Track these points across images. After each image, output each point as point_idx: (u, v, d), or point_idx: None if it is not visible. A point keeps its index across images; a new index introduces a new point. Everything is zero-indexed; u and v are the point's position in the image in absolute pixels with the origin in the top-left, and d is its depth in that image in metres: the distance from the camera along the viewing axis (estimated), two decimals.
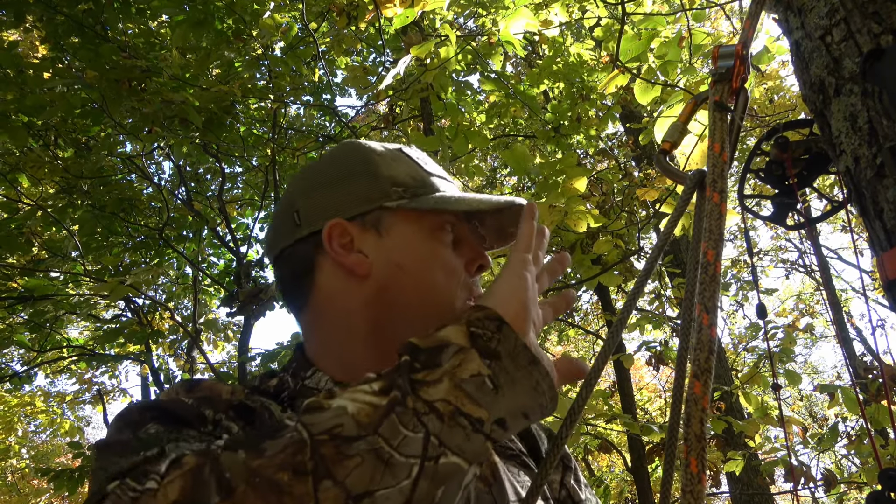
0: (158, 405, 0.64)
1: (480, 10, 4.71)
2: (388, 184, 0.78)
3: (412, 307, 0.75)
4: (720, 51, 0.88)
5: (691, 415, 0.57)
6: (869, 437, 4.36)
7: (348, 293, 0.76)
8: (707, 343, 0.61)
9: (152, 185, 5.90)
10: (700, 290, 0.65)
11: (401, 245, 0.77)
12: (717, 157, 0.76)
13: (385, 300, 0.75)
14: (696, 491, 0.54)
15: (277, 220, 0.82)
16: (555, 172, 3.38)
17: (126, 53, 3.76)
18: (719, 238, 0.68)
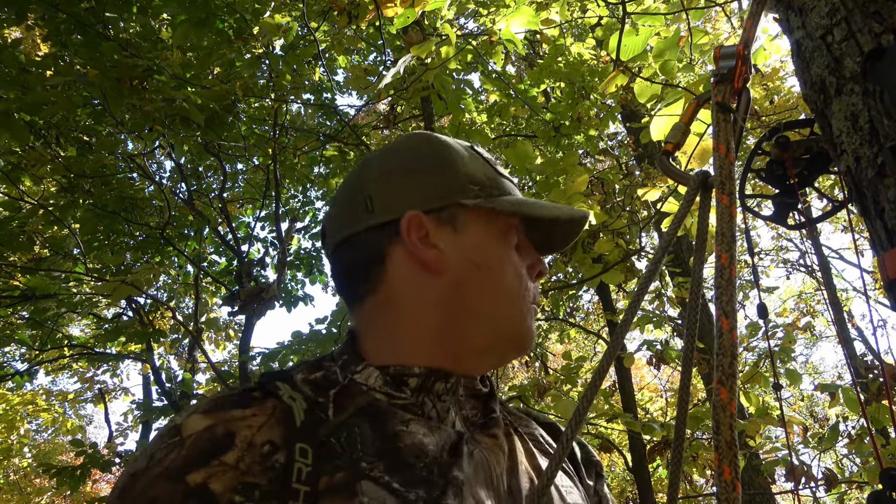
0: None
1: (481, 9, 4.71)
2: (466, 181, 0.77)
3: (485, 307, 0.74)
4: (721, 51, 0.88)
5: (720, 422, 0.56)
6: (870, 437, 4.35)
7: (421, 287, 0.74)
8: (729, 347, 0.60)
9: (153, 184, 5.90)
10: (717, 294, 0.64)
11: (476, 244, 0.76)
12: (724, 158, 0.76)
13: (458, 298, 0.74)
14: (731, 499, 0.53)
15: (343, 205, 0.79)
16: (556, 171, 3.38)
17: (127, 52, 3.76)
18: (732, 240, 0.68)
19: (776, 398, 6.88)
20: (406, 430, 0.67)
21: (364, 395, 0.69)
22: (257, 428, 0.63)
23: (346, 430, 0.65)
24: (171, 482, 0.57)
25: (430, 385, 0.71)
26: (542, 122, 5.24)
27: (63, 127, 4.56)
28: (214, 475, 0.58)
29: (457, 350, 0.74)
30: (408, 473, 0.62)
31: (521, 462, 0.75)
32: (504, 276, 0.76)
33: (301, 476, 0.59)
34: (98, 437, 13.54)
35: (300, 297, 6.65)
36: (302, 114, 6.53)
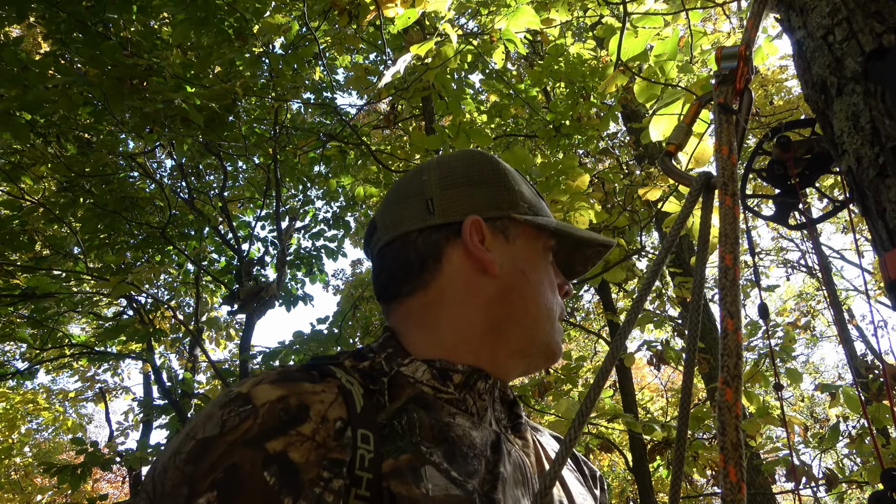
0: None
1: (482, 9, 4.71)
2: (518, 197, 0.84)
3: (528, 314, 0.79)
4: (723, 52, 0.88)
5: (725, 423, 0.56)
6: (871, 437, 4.35)
7: (474, 287, 0.78)
8: (734, 348, 0.60)
9: (154, 183, 5.90)
10: (722, 295, 0.64)
11: (524, 255, 0.82)
12: (726, 159, 0.76)
13: (507, 302, 0.79)
14: (737, 500, 0.53)
15: (401, 205, 0.83)
16: (557, 172, 3.38)
17: (127, 51, 3.76)
18: (735, 241, 0.68)
19: (777, 398, 6.86)
20: (454, 421, 0.70)
21: (412, 387, 0.72)
22: (329, 404, 0.63)
23: (405, 415, 0.67)
24: (251, 449, 0.56)
25: (473, 383, 0.74)
26: (542, 121, 5.24)
27: (63, 126, 4.57)
28: (293, 444, 0.58)
29: (496, 351, 0.78)
30: (462, 463, 0.65)
31: (543, 463, 0.80)
32: (543, 289, 0.82)
33: (364, 463, 0.60)
34: (98, 436, 13.55)
35: (300, 297, 6.65)
36: (302, 113, 6.54)
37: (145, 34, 4.55)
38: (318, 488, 0.56)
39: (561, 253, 0.88)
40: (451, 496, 0.61)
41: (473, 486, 0.63)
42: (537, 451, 0.81)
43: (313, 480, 0.56)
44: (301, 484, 0.56)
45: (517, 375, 0.82)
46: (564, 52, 5.21)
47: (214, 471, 0.55)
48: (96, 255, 5.58)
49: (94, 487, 11.51)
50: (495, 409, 0.78)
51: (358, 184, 6.51)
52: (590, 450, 6.47)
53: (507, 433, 0.78)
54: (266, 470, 0.55)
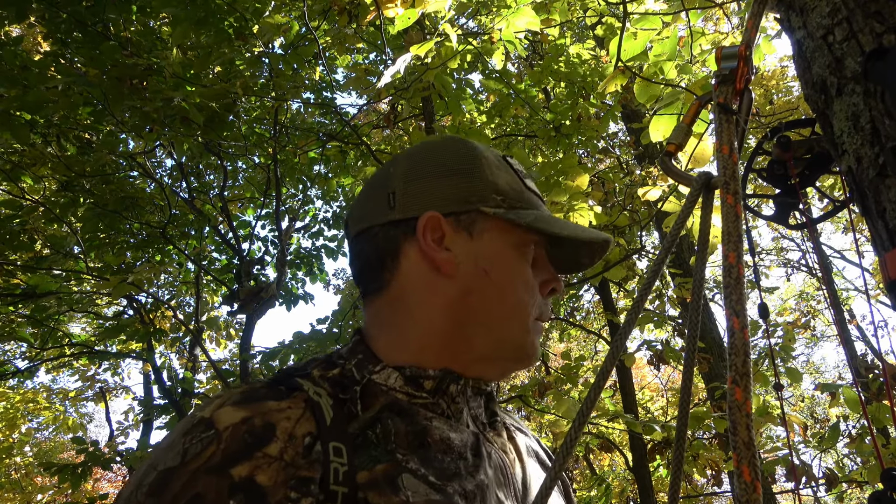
0: None
1: (482, 9, 4.71)
2: (490, 189, 0.77)
3: (492, 316, 0.74)
4: (723, 52, 0.88)
5: (737, 422, 0.56)
6: (871, 437, 4.36)
7: (432, 288, 0.75)
8: (742, 347, 0.59)
9: (154, 182, 5.91)
10: (727, 293, 0.64)
11: (489, 252, 0.75)
12: (727, 158, 0.76)
13: (467, 304, 0.74)
14: (752, 499, 0.52)
15: (369, 197, 0.80)
16: (556, 172, 3.37)
17: (127, 51, 3.76)
18: (738, 240, 0.68)
19: (777, 398, 6.87)
20: (431, 426, 0.68)
21: (385, 395, 0.70)
22: (296, 420, 0.61)
23: (379, 423, 0.65)
24: (215, 477, 0.55)
25: (445, 387, 0.72)
26: (542, 121, 5.24)
27: (63, 126, 4.57)
28: (259, 468, 0.56)
29: (462, 355, 0.74)
30: (440, 467, 0.64)
31: (525, 461, 0.78)
32: (512, 288, 0.76)
33: (338, 477, 0.58)
34: (99, 435, 13.56)
35: (300, 296, 6.65)
36: (302, 112, 6.54)
37: (145, 34, 4.55)
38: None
39: (560, 246, 0.82)
40: (432, 501, 0.59)
41: (454, 489, 0.62)
42: (517, 446, 0.80)
43: (280, 503, 0.55)
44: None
45: (494, 378, 0.79)
46: (564, 53, 5.21)
47: (177, 503, 0.53)
48: (96, 255, 5.58)
49: (94, 487, 11.51)
50: (471, 406, 0.76)
51: (358, 184, 6.51)
52: (590, 449, 6.48)
53: (485, 432, 0.76)
54: (232, 498, 0.54)
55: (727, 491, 6.96)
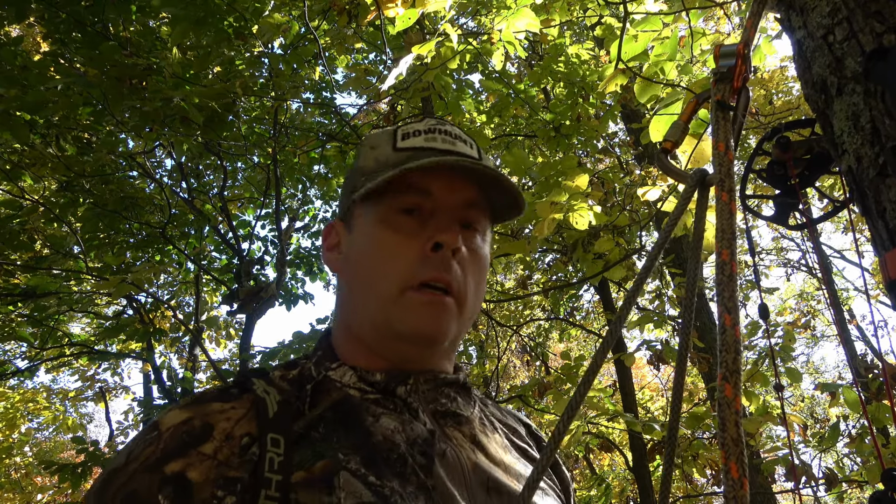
0: None
1: (482, 9, 4.70)
2: (359, 175, 0.77)
3: (358, 300, 0.74)
4: (721, 50, 0.88)
5: (726, 418, 0.56)
6: (871, 436, 4.35)
7: (338, 288, 0.79)
8: (733, 343, 0.59)
9: (154, 182, 5.91)
10: (719, 290, 0.64)
11: (357, 238, 0.76)
12: (723, 156, 0.76)
13: (347, 296, 0.77)
14: (739, 496, 0.52)
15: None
16: (556, 173, 3.37)
17: (127, 51, 3.76)
18: (732, 237, 0.68)
19: (777, 398, 6.87)
20: (378, 424, 0.67)
21: (338, 391, 0.71)
22: (236, 421, 0.63)
23: (322, 422, 0.66)
24: (149, 473, 0.57)
25: (392, 389, 0.71)
26: (542, 122, 5.24)
27: (63, 126, 4.57)
28: (192, 464, 0.58)
29: (367, 349, 0.74)
30: (382, 467, 0.62)
31: (494, 457, 0.74)
32: (372, 263, 0.73)
33: (273, 465, 0.59)
34: (99, 435, 13.55)
35: (300, 296, 6.65)
36: (302, 112, 6.54)
37: (144, 34, 4.55)
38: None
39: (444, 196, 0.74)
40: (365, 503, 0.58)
41: (392, 489, 0.60)
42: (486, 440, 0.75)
43: (206, 500, 0.56)
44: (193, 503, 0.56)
45: (411, 364, 0.73)
46: (563, 53, 5.21)
47: (114, 500, 0.56)
48: (96, 255, 5.58)
49: None
50: (439, 400, 0.73)
51: None
52: (590, 449, 6.48)
53: (445, 425, 0.73)
54: (161, 492, 0.56)
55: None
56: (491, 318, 8.36)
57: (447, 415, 0.74)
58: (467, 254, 0.74)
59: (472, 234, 0.77)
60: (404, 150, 0.75)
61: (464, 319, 0.74)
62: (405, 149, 0.75)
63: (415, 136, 0.77)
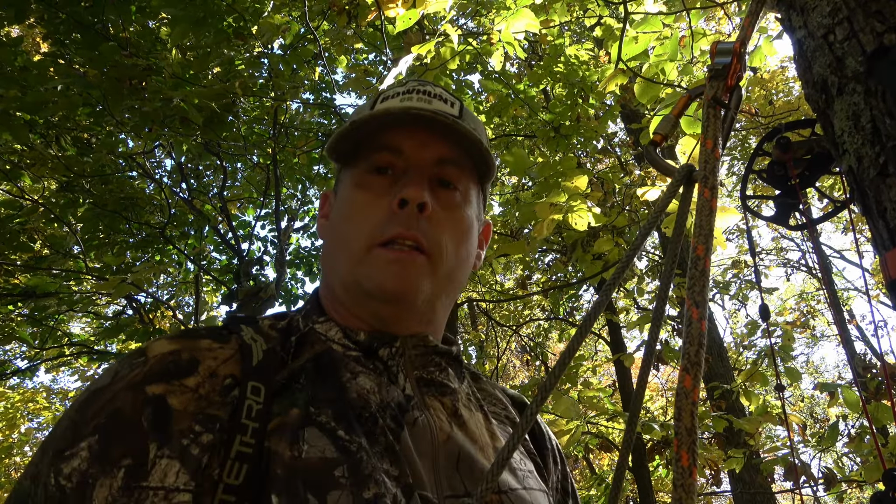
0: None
1: (482, 9, 4.70)
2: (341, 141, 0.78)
3: (336, 260, 0.75)
4: (718, 47, 0.88)
5: (682, 408, 0.56)
6: (871, 436, 4.36)
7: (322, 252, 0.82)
8: (697, 337, 0.60)
9: (154, 183, 5.91)
10: (690, 284, 0.64)
11: (338, 202, 0.79)
12: (710, 153, 0.76)
13: (324, 255, 0.80)
14: (687, 485, 0.52)
15: None
16: (555, 173, 3.37)
17: (127, 52, 3.76)
18: (709, 233, 0.68)
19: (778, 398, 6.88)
20: (355, 381, 0.67)
21: (321, 344, 0.71)
22: (222, 361, 0.63)
23: (304, 373, 0.66)
24: (131, 392, 0.58)
25: (374, 350, 0.71)
26: (542, 122, 5.24)
27: (63, 126, 4.57)
28: (173, 392, 0.58)
29: (347, 310, 0.74)
30: (353, 423, 0.62)
31: (473, 433, 0.72)
32: (344, 224, 0.75)
33: (251, 413, 0.59)
34: None
35: (299, 296, 6.65)
36: (302, 112, 6.54)
37: (144, 35, 4.54)
38: (187, 440, 0.55)
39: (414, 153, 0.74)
40: (326, 459, 0.57)
41: (360, 445, 0.60)
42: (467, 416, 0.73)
43: (183, 431, 0.56)
44: (170, 433, 0.55)
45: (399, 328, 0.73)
46: (562, 53, 5.21)
47: (98, 416, 0.56)
48: (96, 255, 5.58)
49: None
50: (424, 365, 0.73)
51: None
52: (589, 449, 6.48)
53: (426, 393, 0.72)
54: (142, 412, 0.56)
55: (727, 491, 6.96)
56: (491, 318, 8.36)
57: (432, 384, 0.73)
58: (442, 212, 0.74)
59: (449, 192, 0.76)
60: (379, 111, 0.74)
61: (440, 279, 0.73)
62: (380, 110, 0.75)
63: (392, 98, 0.77)
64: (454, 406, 0.74)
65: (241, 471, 0.55)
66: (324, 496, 0.55)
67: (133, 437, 0.54)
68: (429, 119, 0.72)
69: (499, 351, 7.95)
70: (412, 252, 0.70)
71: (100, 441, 0.54)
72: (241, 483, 0.55)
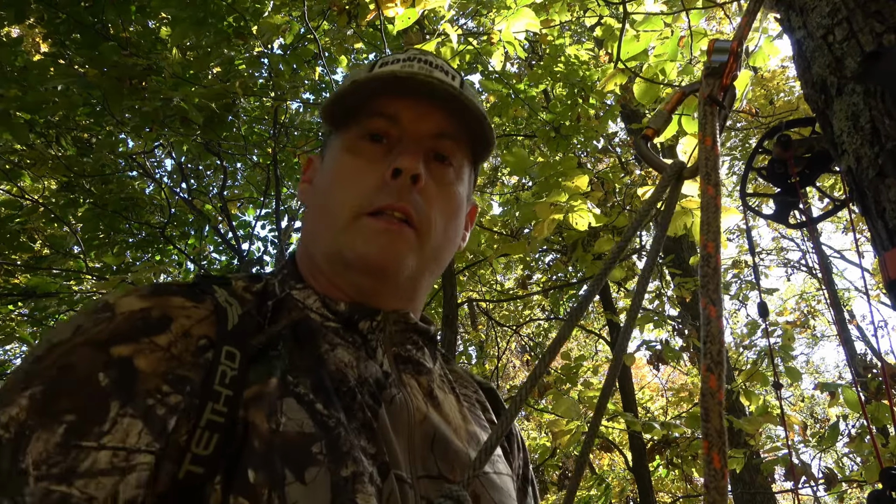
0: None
1: (482, 9, 4.70)
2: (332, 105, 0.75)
3: (319, 226, 0.72)
4: (716, 45, 0.88)
5: (709, 409, 0.55)
6: (870, 436, 4.36)
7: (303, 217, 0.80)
8: (717, 335, 0.59)
9: (154, 182, 5.91)
10: (704, 282, 0.64)
11: (326, 167, 0.75)
12: (710, 150, 0.76)
13: (306, 220, 0.76)
14: (720, 487, 0.52)
15: None
16: (556, 173, 3.38)
17: (127, 52, 3.76)
18: (717, 230, 0.68)
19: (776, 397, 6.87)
20: (333, 353, 0.65)
21: (299, 312, 0.68)
22: (196, 321, 0.60)
23: (281, 341, 0.63)
24: (93, 350, 0.54)
25: (354, 322, 0.68)
26: (542, 122, 5.24)
27: (63, 126, 4.57)
28: (141, 352, 0.54)
29: (327, 280, 0.71)
30: (332, 396, 0.60)
31: (447, 415, 0.71)
32: (331, 189, 0.71)
33: (224, 379, 0.55)
34: None
35: None
36: (301, 112, 6.54)
37: (144, 34, 4.55)
38: (152, 399, 0.52)
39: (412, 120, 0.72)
40: (304, 434, 0.55)
41: (338, 421, 0.57)
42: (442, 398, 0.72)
43: (150, 391, 0.52)
44: (135, 392, 0.52)
45: (379, 302, 0.70)
46: (563, 53, 5.21)
47: (49, 369, 0.53)
48: (96, 255, 5.58)
49: None
50: (402, 342, 0.71)
51: None
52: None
53: (403, 371, 0.70)
54: (102, 371, 0.52)
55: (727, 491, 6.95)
56: (491, 318, 8.36)
57: (409, 361, 0.72)
58: (435, 187, 0.72)
59: (444, 167, 0.73)
60: (378, 75, 0.71)
61: (426, 256, 0.71)
62: (379, 74, 0.72)
63: (392, 64, 0.75)
64: (430, 386, 0.72)
65: (210, 440, 0.52)
66: (301, 472, 0.52)
67: (83, 394, 0.51)
68: (432, 88, 0.69)
69: (499, 351, 7.96)
70: (401, 224, 0.68)
71: (44, 392, 0.50)
72: (211, 454, 0.51)
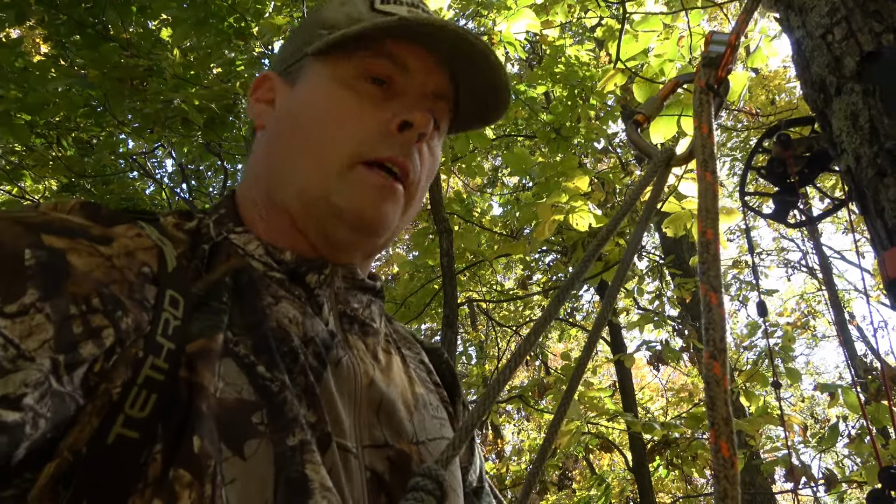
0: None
1: (482, 10, 4.71)
2: (319, 26, 0.67)
3: (296, 164, 0.62)
4: (714, 36, 0.89)
5: (715, 397, 0.54)
6: (870, 437, 4.36)
7: (254, 150, 0.69)
8: (719, 322, 0.59)
9: (155, 183, 5.92)
10: (704, 269, 0.64)
11: (304, 94, 0.65)
12: (706, 138, 0.77)
13: (272, 150, 0.65)
14: (730, 476, 0.50)
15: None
16: (556, 174, 3.38)
17: (128, 53, 3.77)
18: (716, 216, 0.68)
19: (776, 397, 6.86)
20: (276, 308, 0.58)
21: (239, 259, 0.60)
22: (140, 247, 0.53)
23: (223, 290, 0.55)
24: (24, 228, 0.45)
25: (301, 274, 0.62)
26: (543, 123, 5.25)
27: (63, 127, 4.57)
28: (78, 251, 0.47)
29: (280, 224, 0.63)
30: (274, 357, 0.53)
31: (393, 377, 0.67)
32: (319, 123, 0.63)
33: (168, 330, 0.48)
34: None
35: None
36: None
37: (145, 35, 4.55)
38: (76, 309, 0.43)
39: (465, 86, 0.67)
40: (244, 401, 0.49)
41: (281, 385, 0.51)
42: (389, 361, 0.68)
43: (76, 296, 0.44)
44: (61, 290, 0.43)
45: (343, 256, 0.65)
46: (563, 54, 5.22)
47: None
48: None
49: None
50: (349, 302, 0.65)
51: None
52: (589, 449, 6.48)
53: (349, 331, 0.64)
54: (30, 249, 0.44)
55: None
56: (491, 318, 8.36)
57: (355, 321, 0.66)
58: (426, 148, 0.67)
59: (435, 130, 0.67)
60: (384, 13, 0.65)
61: (406, 217, 0.67)
62: (385, 12, 0.65)
63: (396, 4, 0.67)
64: (375, 348, 0.67)
65: (147, 401, 0.44)
66: (240, 446, 0.47)
67: (1, 265, 0.42)
68: (462, 40, 0.62)
69: (499, 351, 7.96)
70: (395, 182, 0.62)
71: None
72: (147, 416, 0.44)
